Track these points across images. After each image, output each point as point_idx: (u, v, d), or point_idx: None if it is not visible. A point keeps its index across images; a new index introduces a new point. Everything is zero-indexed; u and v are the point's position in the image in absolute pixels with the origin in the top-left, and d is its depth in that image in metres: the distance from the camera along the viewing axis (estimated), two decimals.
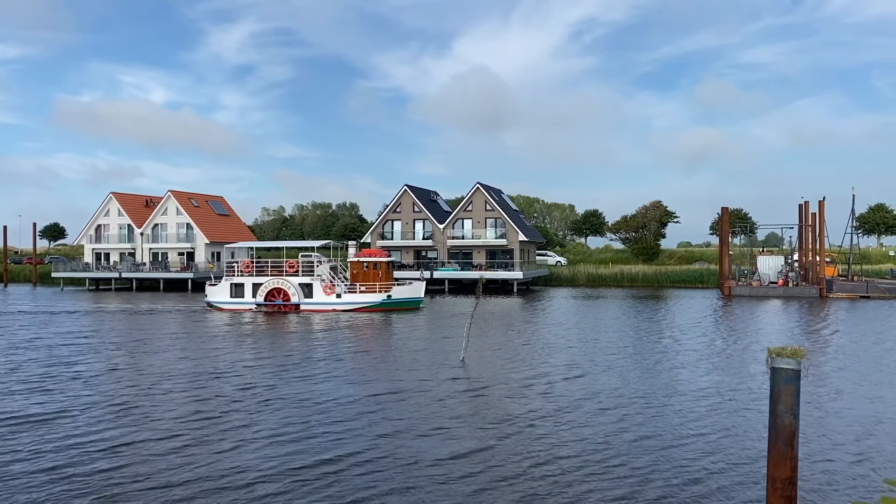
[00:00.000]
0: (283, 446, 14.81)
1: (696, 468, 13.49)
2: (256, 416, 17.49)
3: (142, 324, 39.56)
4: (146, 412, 17.82)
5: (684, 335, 33.48)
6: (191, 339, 32.53)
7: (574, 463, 13.78)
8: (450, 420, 17.07)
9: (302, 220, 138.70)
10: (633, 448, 14.78)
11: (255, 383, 21.65)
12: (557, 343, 30.86)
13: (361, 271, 48.70)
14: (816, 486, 12.42)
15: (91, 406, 18.49)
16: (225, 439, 15.30)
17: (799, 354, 9.16)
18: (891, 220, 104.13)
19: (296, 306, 47.52)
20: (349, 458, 13.96)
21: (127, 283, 75.16)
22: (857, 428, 16.38)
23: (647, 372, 23.65)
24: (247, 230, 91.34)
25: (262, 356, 27.37)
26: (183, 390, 20.63)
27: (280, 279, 48.06)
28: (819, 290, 57.72)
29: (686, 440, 15.38)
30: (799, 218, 66.54)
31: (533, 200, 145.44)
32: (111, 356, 27.27)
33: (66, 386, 21.19)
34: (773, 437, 9.29)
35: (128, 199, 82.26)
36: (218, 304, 49.17)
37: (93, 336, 33.82)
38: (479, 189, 73.56)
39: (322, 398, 19.45)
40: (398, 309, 47.29)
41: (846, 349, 29.03)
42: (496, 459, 13.99)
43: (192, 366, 24.99)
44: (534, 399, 19.47)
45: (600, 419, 17.19)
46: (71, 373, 23.44)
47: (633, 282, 75.22)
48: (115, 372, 23.74)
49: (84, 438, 15.29)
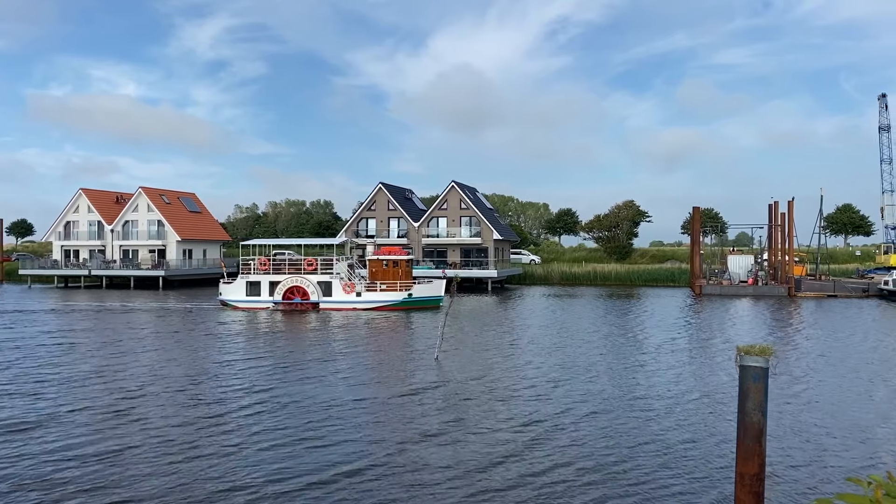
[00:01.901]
0: (279, 455, 14.74)
1: (666, 465, 13.67)
2: (265, 419, 17.38)
3: (158, 324, 39.00)
4: (153, 414, 17.62)
5: (655, 333, 33.85)
6: (220, 339, 32.11)
7: (544, 463, 13.89)
8: (422, 418, 17.13)
9: (275, 218, 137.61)
10: (602, 445, 14.94)
11: (274, 385, 21.50)
12: (532, 342, 31.03)
13: (381, 269, 47.74)
14: (783, 483, 12.66)
15: (84, 409, 18.25)
16: (212, 445, 15.18)
17: (767, 353, 9.34)
18: (857, 220, 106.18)
19: (315, 305, 46.58)
20: (328, 470, 13.94)
21: (96, 281, 74.01)
22: (822, 425, 16.72)
23: (618, 370, 23.89)
24: (219, 227, 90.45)
25: (288, 357, 27.17)
26: (197, 394, 20.42)
27: (299, 277, 46.88)
28: (788, 289, 58.65)
29: (655, 437, 15.57)
30: (768, 218, 67.54)
31: (507, 199, 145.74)
32: (128, 358, 26.90)
33: (87, 388, 20.88)
34: (741, 434, 9.45)
35: (98, 196, 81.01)
36: (233, 303, 47.89)
37: (105, 338, 33.31)
38: (453, 187, 73.61)
39: (311, 400, 19.39)
40: (419, 308, 46.45)
41: (813, 347, 29.57)
42: (462, 460, 14.06)
43: (218, 367, 24.73)
44: (505, 399, 19.57)
45: (568, 418, 17.34)
46: (84, 374, 23.09)
47: (606, 280, 75.88)
48: (122, 372, 23.43)
49: (97, 445, 15.09)
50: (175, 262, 74.66)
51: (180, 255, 76.62)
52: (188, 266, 76.31)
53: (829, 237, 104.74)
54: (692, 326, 37.36)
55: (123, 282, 73.04)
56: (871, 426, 16.64)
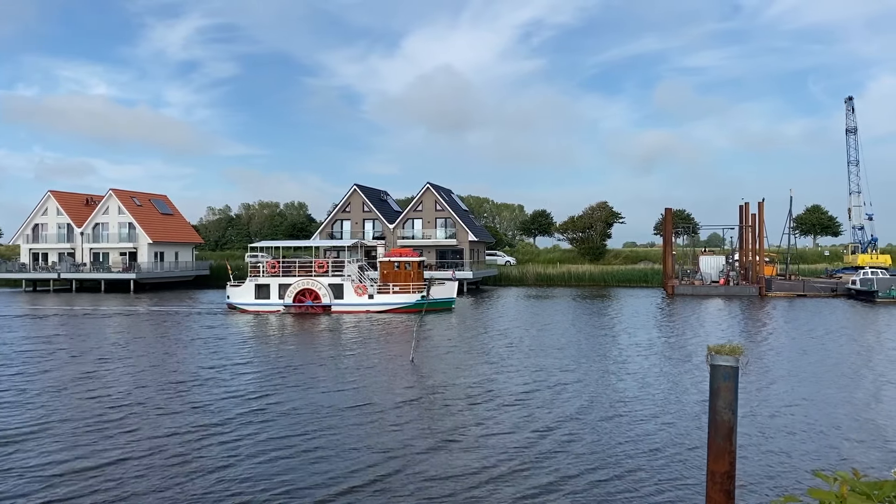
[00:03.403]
0: (272, 466, 14.59)
1: (637, 464, 13.77)
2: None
3: (172, 328, 38.39)
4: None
5: (629, 333, 34.12)
6: (230, 344, 31.70)
7: (515, 460, 13.92)
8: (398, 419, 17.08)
9: (249, 220, 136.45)
10: (572, 445, 15.01)
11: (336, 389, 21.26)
12: (508, 344, 31.10)
13: (392, 271, 47.27)
14: (753, 480, 12.82)
15: (74, 420, 17.90)
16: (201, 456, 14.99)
17: (737, 352, 9.43)
18: (826, 221, 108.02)
19: (326, 307, 45.99)
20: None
21: (66, 284, 72.81)
22: (792, 423, 16.96)
23: (591, 370, 24.02)
24: (191, 230, 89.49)
25: (295, 360, 26.87)
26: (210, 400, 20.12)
27: (310, 279, 46.28)
28: (759, 289, 59.48)
29: (627, 436, 15.68)
30: (739, 219, 68.44)
31: (483, 200, 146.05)
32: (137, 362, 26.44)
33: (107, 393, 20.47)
34: (712, 433, 9.54)
35: (67, 198, 79.69)
36: (241, 306, 47.05)
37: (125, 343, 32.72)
38: (429, 189, 73.61)
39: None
40: (432, 309, 45.65)
41: (783, 346, 30.00)
42: (435, 460, 14.05)
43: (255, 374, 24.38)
44: (478, 403, 19.58)
45: (539, 417, 17.41)
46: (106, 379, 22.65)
47: (580, 281, 76.40)
48: (138, 375, 23.03)
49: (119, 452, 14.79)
50: (147, 265, 73.70)
51: (152, 258, 75.66)
52: (160, 269, 75.36)
53: (798, 238, 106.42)
54: (665, 326, 37.72)
55: (94, 285, 71.93)
56: (841, 424, 16.91)
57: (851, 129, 74.46)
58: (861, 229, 75.20)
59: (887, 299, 52.18)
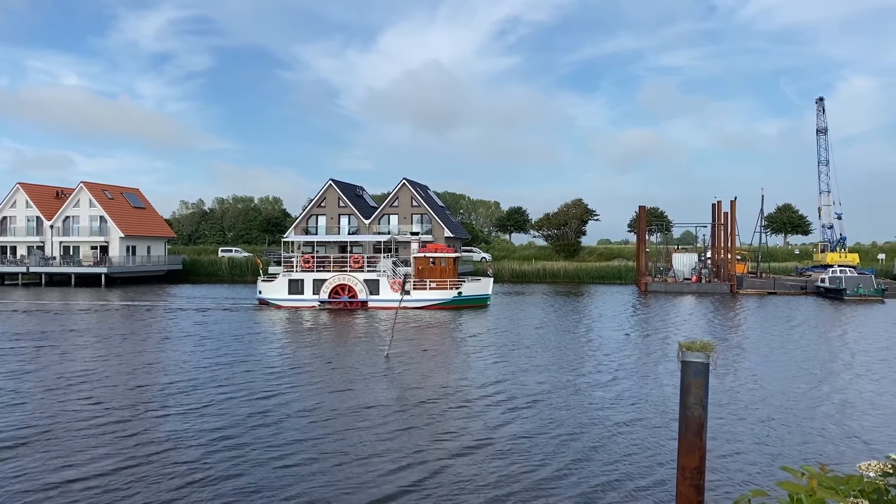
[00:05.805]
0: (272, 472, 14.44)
1: (609, 460, 13.87)
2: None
3: (201, 325, 37.74)
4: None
5: (602, 329, 34.37)
6: (287, 340, 31.29)
7: (490, 460, 13.96)
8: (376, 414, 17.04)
9: (222, 214, 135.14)
10: (544, 442, 15.08)
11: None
12: (483, 340, 31.17)
13: (427, 267, 46.33)
14: (723, 475, 12.98)
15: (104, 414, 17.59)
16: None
17: (708, 349, 9.51)
18: (796, 219, 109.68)
19: (363, 303, 45.30)
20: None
21: (35, 278, 71.56)
22: (760, 417, 17.20)
23: (565, 366, 24.16)
24: (164, 223, 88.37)
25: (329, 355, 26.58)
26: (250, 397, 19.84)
27: (346, 275, 45.58)
28: (730, 286, 60.22)
29: (599, 433, 15.79)
30: (712, 217, 69.23)
31: (459, 197, 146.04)
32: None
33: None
34: (682, 429, 9.61)
35: (36, 191, 78.26)
36: (274, 301, 46.26)
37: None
38: (405, 185, 73.46)
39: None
40: (468, 306, 45.28)
41: (755, 343, 30.42)
42: (405, 454, 14.05)
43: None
44: (452, 400, 19.62)
45: (513, 414, 17.47)
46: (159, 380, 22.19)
47: (556, 278, 76.77)
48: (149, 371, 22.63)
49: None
50: (118, 259, 72.66)
51: (124, 252, 74.58)
52: (132, 263, 74.32)
53: (769, 236, 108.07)
54: (638, 323, 38.05)
55: (64, 279, 70.81)
56: (809, 418, 17.18)
57: (822, 129, 75.61)
58: (830, 228, 76.46)
59: (855, 297, 53.15)
